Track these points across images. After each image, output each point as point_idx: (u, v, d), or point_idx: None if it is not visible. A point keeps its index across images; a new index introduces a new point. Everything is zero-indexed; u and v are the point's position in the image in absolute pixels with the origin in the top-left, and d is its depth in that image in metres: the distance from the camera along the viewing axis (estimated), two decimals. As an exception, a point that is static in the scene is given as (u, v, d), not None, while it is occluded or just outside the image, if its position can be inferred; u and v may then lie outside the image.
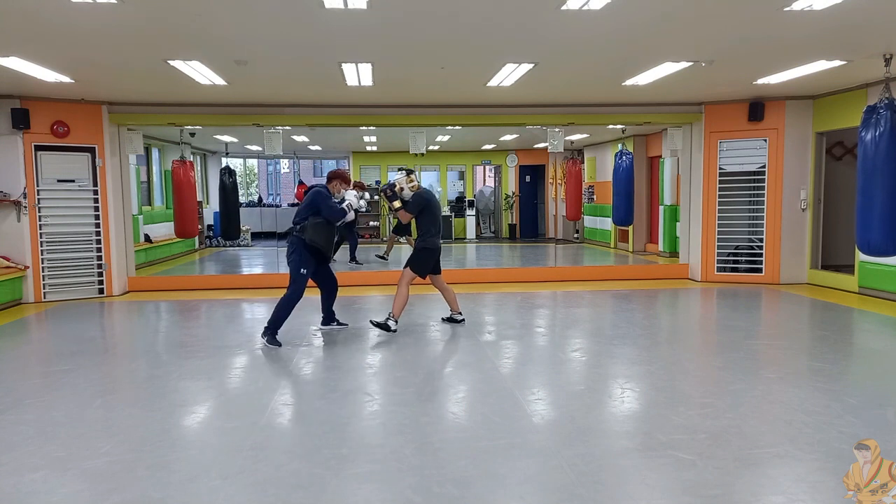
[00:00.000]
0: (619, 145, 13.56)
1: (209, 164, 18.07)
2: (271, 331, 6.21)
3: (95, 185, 9.35)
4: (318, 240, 6.18)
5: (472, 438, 3.89)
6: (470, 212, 19.05)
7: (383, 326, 6.58)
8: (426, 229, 6.72)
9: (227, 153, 16.96)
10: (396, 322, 6.63)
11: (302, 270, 6.20)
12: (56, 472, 3.46)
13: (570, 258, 14.16)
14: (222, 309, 8.63)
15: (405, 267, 6.73)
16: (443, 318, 7.24)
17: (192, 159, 14.05)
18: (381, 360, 5.85)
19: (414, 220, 6.84)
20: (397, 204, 6.72)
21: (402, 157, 17.98)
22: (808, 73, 7.79)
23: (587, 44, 6.41)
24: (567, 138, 13.73)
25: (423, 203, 6.69)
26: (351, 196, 6.52)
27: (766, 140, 9.91)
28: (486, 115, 10.37)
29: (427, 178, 21.15)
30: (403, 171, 6.82)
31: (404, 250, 13.57)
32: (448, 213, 18.83)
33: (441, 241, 6.87)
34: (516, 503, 3.11)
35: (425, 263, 6.73)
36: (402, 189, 6.74)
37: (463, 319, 7.13)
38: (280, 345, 6.15)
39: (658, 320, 7.88)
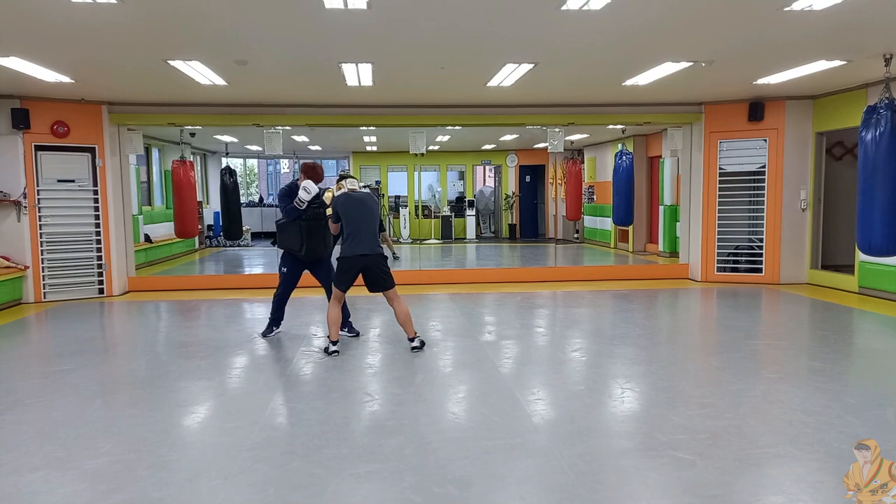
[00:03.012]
0: (619, 145, 13.56)
1: (209, 164, 18.07)
2: (268, 326, 6.59)
3: (95, 185, 9.35)
4: (284, 242, 6.33)
5: (472, 438, 3.89)
6: (470, 212, 19.05)
7: (325, 350, 5.93)
8: (344, 234, 5.85)
9: (227, 153, 16.98)
10: (334, 343, 5.87)
11: (282, 268, 6.47)
12: (56, 472, 3.46)
13: (570, 258, 14.16)
14: (222, 309, 8.63)
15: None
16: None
17: (192, 159, 14.05)
18: (381, 360, 5.85)
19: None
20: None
21: (402, 157, 18.02)
22: (808, 73, 7.78)
23: (587, 44, 6.41)
24: (567, 138, 13.72)
25: (339, 208, 5.82)
26: (302, 192, 5.98)
27: (766, 140, 9.90)
28: (486, 115, 10.37)
29: (427, 178, 21.15)
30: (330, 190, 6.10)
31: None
32: (448, 214, 18.84)
33: (363, 250, 5.75)
34: (516, 503, 3.11)
35: (342, 276, 5.84)
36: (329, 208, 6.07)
37: (418, 342, 6.01)
38: (274, 331, 6.58)
39: (658, 320, 7.88)
